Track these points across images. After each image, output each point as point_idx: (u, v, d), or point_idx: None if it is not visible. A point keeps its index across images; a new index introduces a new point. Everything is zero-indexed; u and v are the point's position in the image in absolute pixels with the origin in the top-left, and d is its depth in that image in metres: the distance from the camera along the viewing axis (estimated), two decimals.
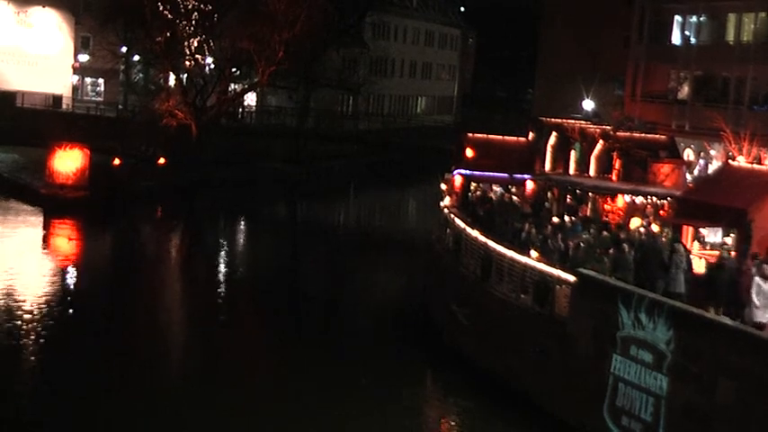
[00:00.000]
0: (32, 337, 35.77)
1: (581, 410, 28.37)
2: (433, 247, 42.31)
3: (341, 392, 31.52)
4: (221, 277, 50.31)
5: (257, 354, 36.35)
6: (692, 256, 31.56)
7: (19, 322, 36.93)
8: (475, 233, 35.92)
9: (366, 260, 55.06)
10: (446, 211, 41.07)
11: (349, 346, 37.00)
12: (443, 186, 45.28)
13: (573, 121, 51.78)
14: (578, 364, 28.74)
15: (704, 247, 34.00)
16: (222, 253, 56.89)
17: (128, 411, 28.57)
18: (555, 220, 37.09)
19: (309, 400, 30.40)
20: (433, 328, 38.14)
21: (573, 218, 37.92)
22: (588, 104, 72.90)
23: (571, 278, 29.64)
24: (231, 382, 31.86)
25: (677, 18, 65.43)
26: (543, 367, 30.14)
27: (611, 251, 31.44)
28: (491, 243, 34.30)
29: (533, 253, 32.54)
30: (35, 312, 38.43)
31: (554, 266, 30.92)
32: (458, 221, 38.32)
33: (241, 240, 64.00)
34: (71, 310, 40.50)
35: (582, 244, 32.83)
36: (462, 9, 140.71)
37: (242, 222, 68.08)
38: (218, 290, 47.22)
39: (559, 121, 50.69)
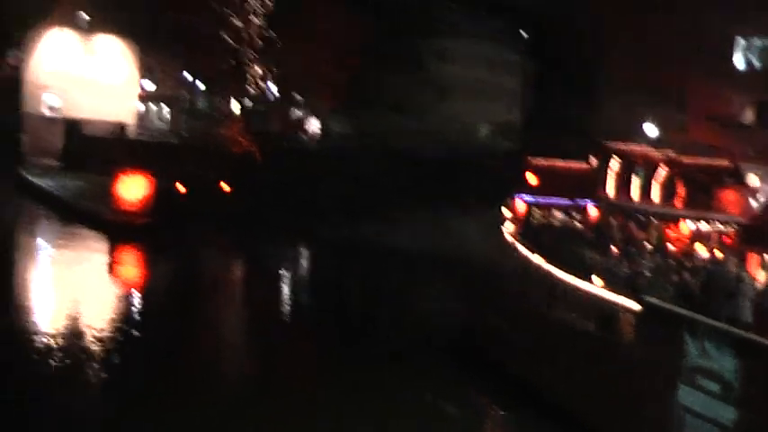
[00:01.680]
0: (98, 361, 35.97)
1: None
2: (494, 274, 42.00)
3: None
4: (283, 298, 50.36)
5: (322, 375, 36.27)
6: (758, 284, 31.06)
7: (85, 347, 37.22)
8: (537, 260, 35.63)
9: (423, 282, 54.81)
10: (508, 237, 40.80)
11: (408, 369, 36.84)
12: (506, 212, 44.99)
13: (636, 146, 51.25)
14: (643, 395, 28.35)
15: None
16: (284, 275, 57.26)
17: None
18: (618, 246, 36.71)
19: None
20: (493, 352, 37.84)
21: (636, 245, 37.50)
22: (651, 129, 72.07)
23: (635, 306, 29.28)
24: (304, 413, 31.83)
25: (740, 40, 64.63)
26: (605, 395, 29.76)
27: (675, 279, 31.04)
28: (554, 270, 33.99)
29: (597, 280, 32.19)
30: (100, 337, 38.67)
31: (618, 294, 30.56)
32: (520, 248, 38.05)
33: (303, 262, 64.35)
34: (136, 334, 40.74)
35: (646, 271, 32.43)
36: (524, 33, 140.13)
37: (304, 245, 68.21)
38: (281, 311, 47.25)
39: (622, 145, 50.20)
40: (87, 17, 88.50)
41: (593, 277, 32.57)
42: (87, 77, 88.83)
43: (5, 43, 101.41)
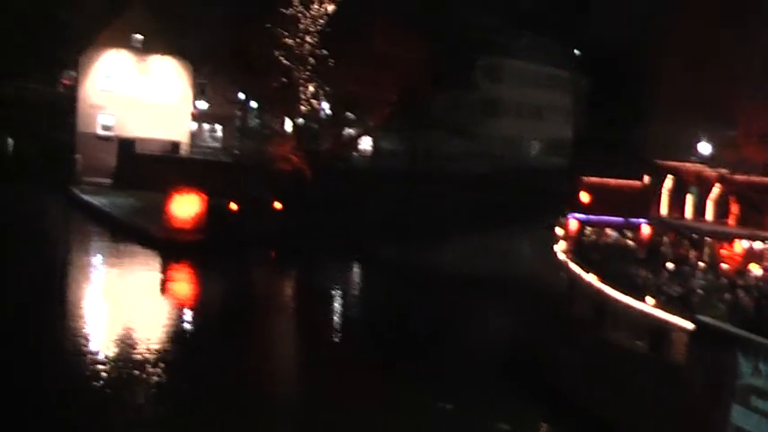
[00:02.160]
0: (149, 379, 36.24)
1: None
2: (547, 291, 41.89)
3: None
4: (334, 317, 50.45)
5: (372, 394, 36.25)
6: None
7: (136, 365, 37.45)
8: (589, 278, 35.49)
9: (475, 302, 54.68)
10: (560, 255, 40.67)
11: (461, 386, 36.80)
12: (558, 230, 44.85)
13: (689, 164, 50.94)
14: (696, 414, 28.09)
15: None
16: (335, 293, 57.26)
17: None
18: (671, 265, 36.47)
19: None
20: (544, 371, 37.68)
21: (689, 263, 37.24)
22: (704, 147, 71.56)
23: (688, 325, 29.06)
24: None
25: None
26: (657, 414, 29.53)
27: (728, 297, 30.77)
28: (606, 288, 33.85)
29: (649, 299, 32.00)
30: (151, 355, 38.96)
31: (670, 313, 30.36)
32: (572, 266, 37.92)
33: (353, 281, 64.27)
34: (186, 351, 40.98)
35: (699, 290, 32.20)
36: (575, 50, 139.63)
37: (354, 264, 68.15)
38: (332, 330, 47.36)
39: (675, 163, 49.89)
40: (142, 38, 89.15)
41: (646, 296, 32.36)
42: (141, 97, 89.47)
43: (61, 64, 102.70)
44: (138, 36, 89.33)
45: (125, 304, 48.71)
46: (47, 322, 43.40)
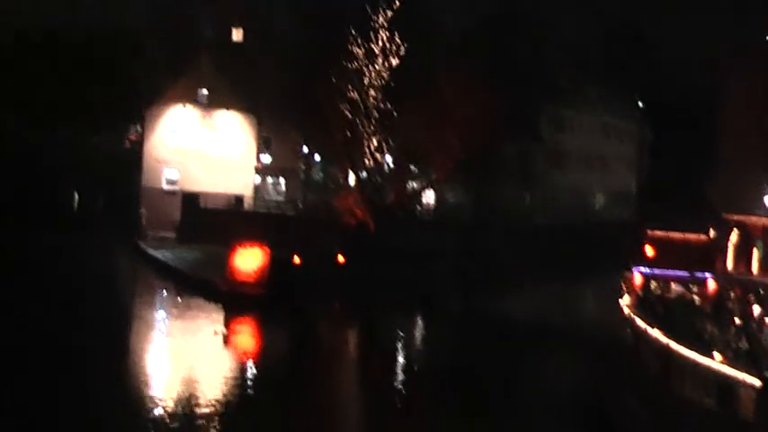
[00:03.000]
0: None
1: None
2: (613, 345, 41.58)
3: None
4: (400, 370, 50.47)
5: None
6: None
7: (199, 417, 37.70)
8: (655, 333, 35.20)
9: (543, 354, 54.46)
10: (626, 309, 40.39)
11: None
12: (623, 284, 44.56)
13: (755, 218, 50.36)
14: None
15: None
16: (399, 346, 57.32)
17: None
18: (738, 321, 36.06)
19: None
20: (613, 425, 37.36)
21: (757, 319, 36.80)
22: None
23: (756, 382, 28.71)
24: None
25: None
26: None
27: None
28: (672, 344, 33.53)
29: (716, 355, 31.65)
30: (214, 408, 39.10)
31: (738, 369, 30.00)
32: (638, 321, 37.63)
33: (420, 333, 64.13)
34: (250, 405, 41.13)
35: (767, 346, 31.83)
36: (640, 102, 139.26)
37: (419, 315, 67.93)
38: (398, 383, 47.35)
39: (741, 217, 49.36)
40: (207, 93, 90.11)
41: (713, 352, 32.00)
42: (206, 152, 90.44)
43: (127, 119, 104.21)
44: (204, 91, 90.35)
45: (189, 357, 49.17)
46: (112, 373, 43.82)
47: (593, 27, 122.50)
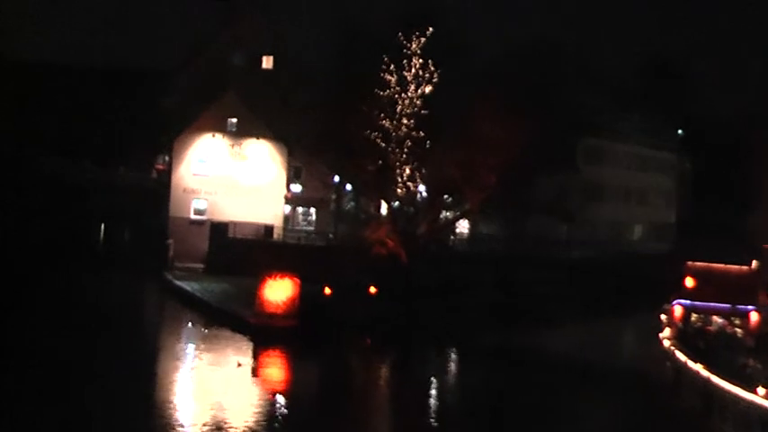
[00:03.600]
0: None
1: None
2: (652, 380, 41.22)
3: None
4: (434, 409, 50.25)
5: None
6: None
7: None
8: (696, 367, 34.84)
9: (582, 389, 54.05)
10: (666, 342, 40.04)
11: None
12: (663, 317, 44.22)
13: None
14: None
15: None
16: (433, 382, 56.97)
17: None
18: None
19: None
20: None
21: None
22: None
23: None
24: None
25: None
26: None
27: None
28: (713, 378, 33.17)
29: (760, 390, 31.27)
30: None
31: None
32: (678, 354, 37.29)
33: (454, 370, 63.78)
34: None
35: None
36: (679, 131, 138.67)
37: (453, 351, 67.46)
38: (430, 419, 47.14)
39: None
40: (236, 121, 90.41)
41: (757, 387, 31.62)
42: (235, 181, 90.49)
43: (155, 149, 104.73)
44: (233, 120, 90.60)
45: (216, 391, 49.08)
46: (139, 406, 44.29)
47: (631, 56, 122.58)
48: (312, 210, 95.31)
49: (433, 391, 54.45)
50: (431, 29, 76.06)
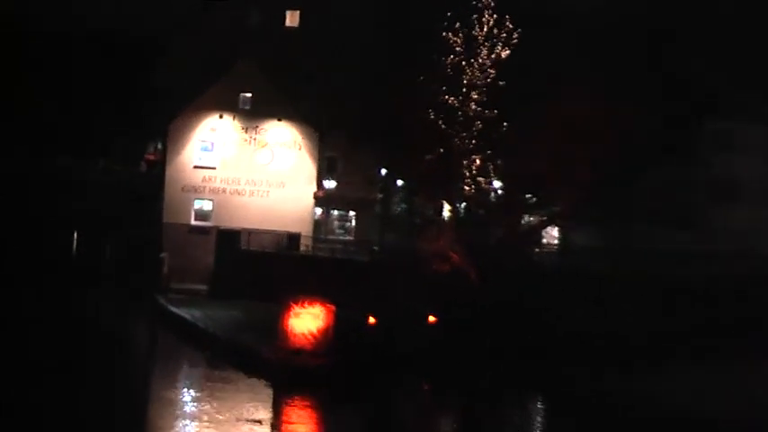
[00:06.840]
0: None
1: None
2: None
3: None
4: None
5: None
6: None
7: None
8: None
9: None
10: None
11: None
12: None
13: None
14: None
15: None
16: None
17: None
18: None
19: None
20: None
21: None
22: None
23: None
24: None
25: None
26: None
27: None
28: None
29: None
30: None
31: None
32: None
33: (538, 426, 63.03)
34: None
35: None
36: None
37: (539, 399, 66.98)
38: None
39: None
40: (251, 97, 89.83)
41: None
42: (249, 176, 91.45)
43: (145, 134, 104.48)
44: (248, 95, 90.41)
45: None
46: None
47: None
48: (351, 213, 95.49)
49: None
50: None
